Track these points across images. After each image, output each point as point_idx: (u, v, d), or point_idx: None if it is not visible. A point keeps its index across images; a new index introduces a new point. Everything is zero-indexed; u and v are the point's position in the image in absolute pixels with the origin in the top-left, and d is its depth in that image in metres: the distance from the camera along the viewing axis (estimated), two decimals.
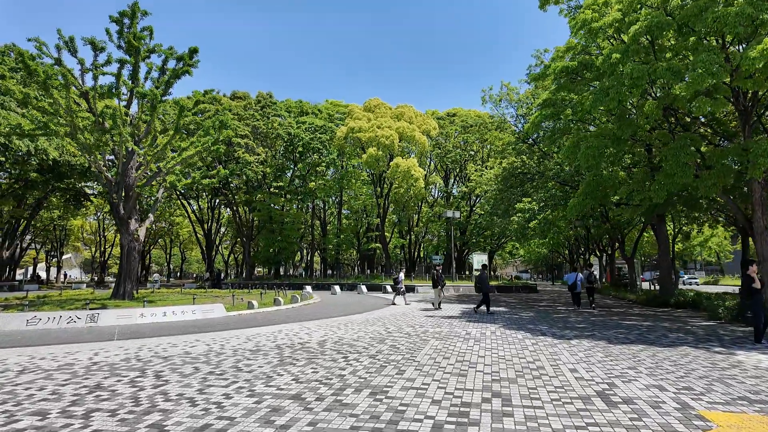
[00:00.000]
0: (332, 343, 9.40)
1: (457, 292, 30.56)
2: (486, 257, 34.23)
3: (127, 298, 20.16)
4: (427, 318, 14.57)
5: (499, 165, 25.43)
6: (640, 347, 8.87)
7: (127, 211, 20.71)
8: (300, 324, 12.90)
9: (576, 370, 6.81)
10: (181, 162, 20.66)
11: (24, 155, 28.60)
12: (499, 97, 23.02)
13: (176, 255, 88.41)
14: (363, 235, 54.12)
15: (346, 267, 79.55)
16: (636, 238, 29.31)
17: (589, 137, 13.69)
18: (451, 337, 10.31)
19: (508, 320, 13.88)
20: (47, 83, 17.39)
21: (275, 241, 43.77)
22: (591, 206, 15.14)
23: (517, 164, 22.09)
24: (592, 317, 14.73)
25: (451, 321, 13.63)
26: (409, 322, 13.40)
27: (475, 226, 44.68)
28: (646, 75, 10.67)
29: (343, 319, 14.29)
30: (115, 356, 8.22)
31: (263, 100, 45.00)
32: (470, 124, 43.65)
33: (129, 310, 14.02)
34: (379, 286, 32.57)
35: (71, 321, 12.79)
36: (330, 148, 43.16)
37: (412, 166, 34.70)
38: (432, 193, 53.32)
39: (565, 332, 11.11)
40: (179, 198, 51.13)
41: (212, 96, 20.14)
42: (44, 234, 55.66)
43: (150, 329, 12.05)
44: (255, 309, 16.71)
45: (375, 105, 40.47)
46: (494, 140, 25.15)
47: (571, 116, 15.63)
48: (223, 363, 7.51)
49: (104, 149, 19.44)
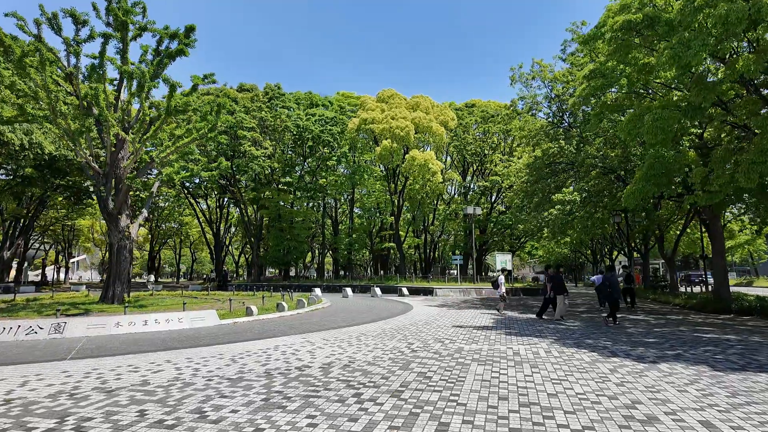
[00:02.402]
0: (340, 369, 7.10)
1: (480, 295, 28.05)
2: (510, 257, 31.68)
3: (116, 302, 18.16)
4: (458, 330, 12.18)
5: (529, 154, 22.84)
6: (765, 378, 6.38)
7: (117, 206, 18.72)
8: (303, 336, 10.62)
9: (712, 425, 4.38)
10: (175, 150, 18.59)
11: (17, 149, 26.93)
12: (531, 75, 20.41)
13: (187, 255, 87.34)
14: (376, 235, 51.76)
15: (359, 268, 77.29)
16: (678, 235, 26.46)
17: (656, 108, 11.17)
18: (495, 358, 7.93)
19: (554, 332, 11.42)
20: (23, 61, 15.48)
21: (284, 241, 41.69)
22: (653, 194, 12.63)
23: (553, 150, 19.46)
24: (654, 327, 12.18)
25: (486, 333, 11.23)
26: (435, 334, 11.04)
27: (496, 223, 42.00)
28: (745, 16, 8.13)
29: (355, 330, 11.97)
30: (47, 387, 6.04)
31: (271, 91, 42.99)
32: (491, 114, 40.96)
33: (105, 318, 11.92)
34: (394, 289, 30.21)
35: (31, 332, 10.72)
36: (341, 142, 40.91)
37: (430, 159, 32.25)
38: (448, 190, 50.77)
39: (638, 350, 8.65)
40: (187, 197, 49.46)
41: (213, 81, 18.00)
42: (52, 234, 54.48)
43: (121, 343, 9.90)
44: (254, 316, 14.52)
45: (389, 96, 38.12)
46: (524, 125, 22.66)
47: (626, 87, 13.09)
48: (184, 403, 5.26)
49: (89, 135, 17.47)
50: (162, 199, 54.34)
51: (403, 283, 32.15)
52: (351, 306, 20.00)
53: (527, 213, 23.00)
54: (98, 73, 16.66)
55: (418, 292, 28.98)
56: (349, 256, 51.26)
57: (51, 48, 17.18)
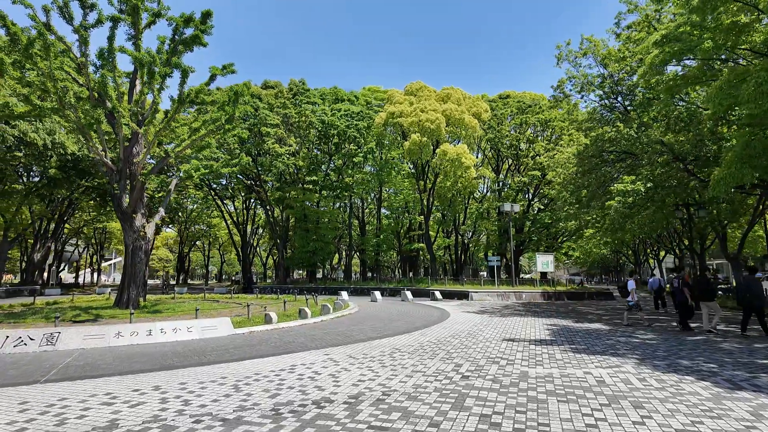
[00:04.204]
0: (371, 406, 5.31)
1: (520, 299, 25.77)
2: (551, 258, 29.20)
3: (130, 307, 16.97)
4: (511, 346, 10.22)
5: (578, 142, 20.42)
6: None
7: (132, 204, 17.60)
8: (325, 353, 8.91)
9: None
10: (191, 144, 17.33)
11: (41, 149, 26.52)
12: (581, 51, 18.02)
13: (216, 257, 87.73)
14: (404, 235, 49.86)
15: (386, 269, 75.55)
16: (745, 231, 23.48)
17: (758, 70, 8.93)
18: (576, 390, 5.97)
19: (630, 347, 9.30)
20: (29, 50, 14.47)
21: (310, 242, 40.36)
22: (749, 179, 10.29)
23: (609, 135, 16.94)
24: (755, 342, 9.86)
25: (548, 350, 9.22)
26: (485, 351, 9.12)
27: (534, 222, 39.29)
28: None
29: (387, 343, 10.18)
30: None
31: (295, 87, 41.75)
32: (528, 104, 38.30)
33: (106, 328, 10.57)
34: (425, 292, 28.28)
35: (20, 343, 9.43)
36: (367, 138, 39.22)
37: (462, 153, 30.11)
38: (480, 189, 48.30)
39: (762, 378, 6.51)
40: (215, 199, 49.01)
41: (232, 71, 16.66)
42: (84, 237, 55.15)
43: (114, 358, 8.45)
44: (272, 324, 12.95)
45: (417, 88, 36.18)
46: (573, 109, 20.29)
47: (709, 53, 10.79)
48: None
49: (101, 129, 16.39)
50: (190, 201, 54.31)
51: (435, 286, 30.16)
52: (380, 312, 18.23)
53: (576, 208, 20.58)
54: (107, 60, 15.53)
55: (452, 296, 26.96)
56: (377, 258, 49.57)
57: (62, 37, 16.22)
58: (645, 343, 10.10)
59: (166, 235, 74.71)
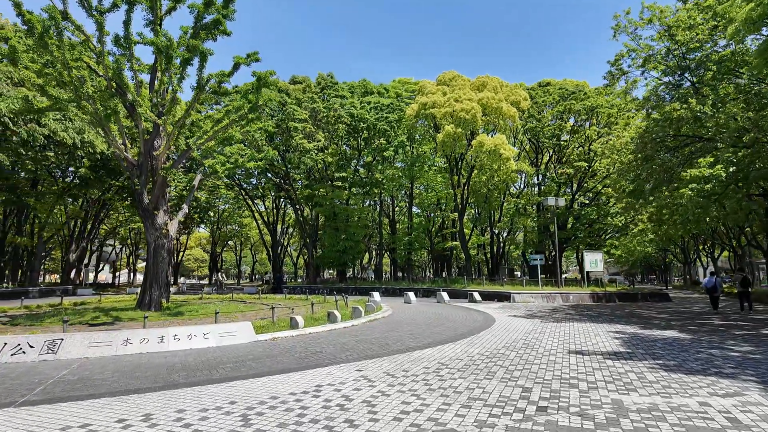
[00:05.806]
0: None
1: (567, 301, 23.61)
2: (600, 256, 26.80)
3: (152, 308, 16.15)
4: (583, 361, 8.48)
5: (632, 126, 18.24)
6: None
7: (153, 201, 16.76)
8: (357, 368, 7.45)
9: None
10: (213, 136, 16.31)
11: (70, 148, 26.40)
12: (642, 21, 15.78)
13: (248, 257, 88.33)
14: (436, 234, 48.00)
15: (417, 269, 73.71)
16: None
17: None
18: (702, 430, 4.26)
19: (731, 362, 7.39)
20: (44, 38, 13.75)
21: (340, 241, 39.21)
22: None
23: (679, 113, 14.60)
24: None
25: (632, 367, 7.43)
26: (553, 368, 7.43)
27: (579, 217, 36.66)
28: None
29: (430, 356, 8.62)
30: None
31: (323, 81, 40.69)
32: (571, 91, 35.72)
33: (114, 334, 9.51)
34: (462, 293, 26.48)
35: (18, 351, 8.45)
36: (398, 131, 37.65)
37: (501, 144, 28.09)
38: (516, 184, 45.84)
39: None
40: (245, 198, 48.76)
41: (257, 59, 15.51)
42: (119, 237, 56.14)
43: (113, 372, 7.29)
44: (299, 329, 11.63)
45: (450, 78, 34.34)
46: (631, 87, 18.01)
47: None
48: None
49: (120, 122, 15.58)
50: (222, 201, 54.43)
51: (472, 287, 28.31)
52: (416, 315, 16.68)
53: (635, 198, 18.28)
54: (124, 47, 14.67)
55: (492, 298, 25.06)
56: (408, 257, 47.94)
57: (80, 26, 15.49)
58: (748, 357, 8.15)
59: (199, 235, 75.69)
